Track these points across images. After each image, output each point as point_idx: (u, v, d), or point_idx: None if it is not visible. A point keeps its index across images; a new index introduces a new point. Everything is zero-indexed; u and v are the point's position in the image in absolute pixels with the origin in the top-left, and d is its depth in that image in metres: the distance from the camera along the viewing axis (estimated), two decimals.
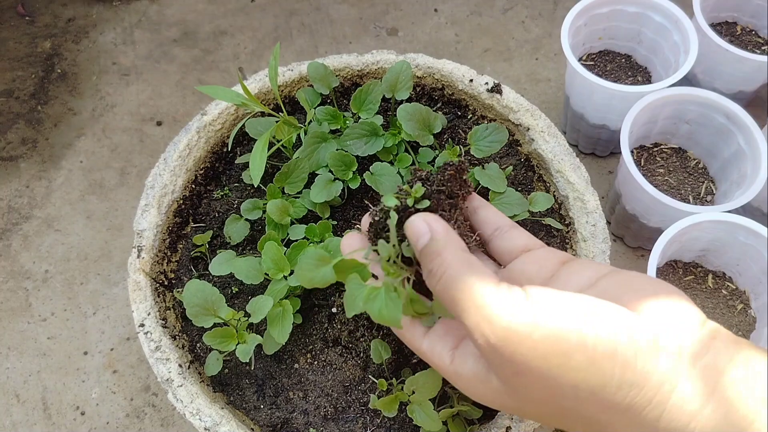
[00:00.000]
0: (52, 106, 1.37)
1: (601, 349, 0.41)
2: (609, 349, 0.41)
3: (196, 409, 0.69)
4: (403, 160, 0.81)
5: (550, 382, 0.43)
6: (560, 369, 0.42)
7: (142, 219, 0.81)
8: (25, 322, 1.13)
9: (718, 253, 0.99)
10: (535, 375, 0.43)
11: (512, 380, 0.45)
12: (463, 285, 0.45)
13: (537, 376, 0.43)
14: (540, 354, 0.42)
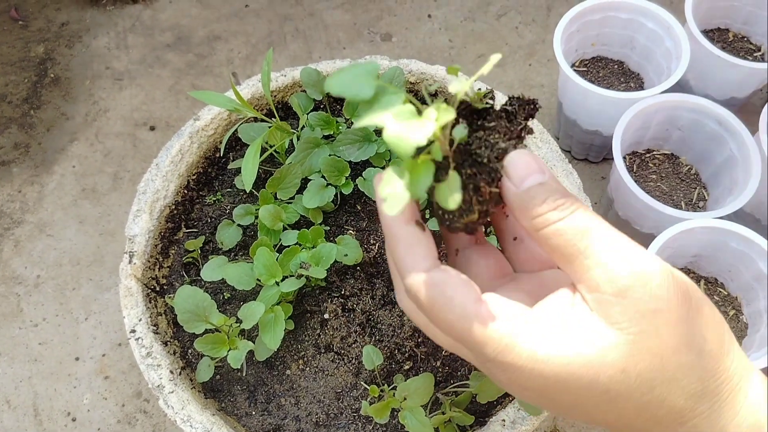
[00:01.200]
0: (45, 110, 1.37)
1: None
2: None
3: (187, 416, 0.69)
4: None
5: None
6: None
7: (133, 224, 0.81)
8: (17, 328, 1.13)
9: (711, 259, 0.99)
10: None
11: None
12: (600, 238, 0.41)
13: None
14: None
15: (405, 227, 0.45)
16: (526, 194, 0.42)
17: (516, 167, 0.43)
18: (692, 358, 0.40)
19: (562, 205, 0.42)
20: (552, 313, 0.42)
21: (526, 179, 0.43)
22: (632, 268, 0.40)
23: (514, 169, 0.43)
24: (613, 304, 0.40)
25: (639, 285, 0.40)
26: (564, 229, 0.41)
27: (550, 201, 0.42)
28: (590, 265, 0.41)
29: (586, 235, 0.41)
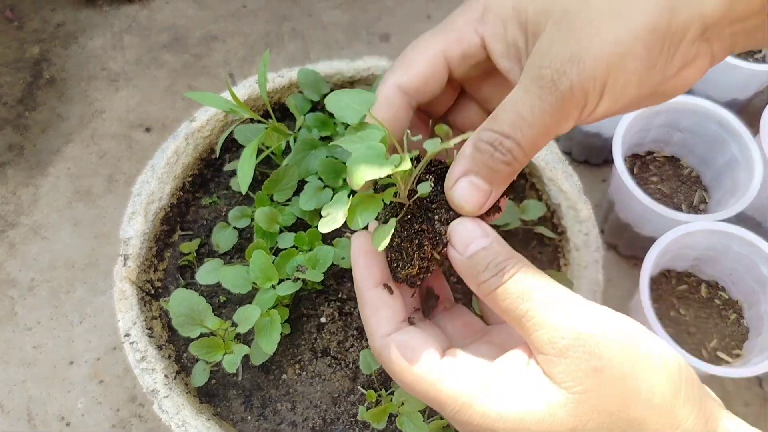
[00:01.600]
0: (40, 111, 1.36)
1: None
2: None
3: (182, 421, 0.68)
4: None
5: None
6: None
7: (128, 227, 0.80)
8: (11, 331, 1.12)
9: (712, 263, 0.98)
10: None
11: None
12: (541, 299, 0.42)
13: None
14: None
15: (371, 290, 0.49)
16: (470, 261, 0.45)
17: (459, 235, 0.46)
18: (641, 413, 0.40)
19: (503, 269, 0.44)
20: (507, 372, 0.44)
21: (469, 246, 0.45)
22: (571, 327, 0.41)
23: (458, 237, 0.46)
24: (556, 363, 0.41)
25: (578, 345, 0.41)
26: (506, 294, 0.43)
27: (491, 267, 0.44)
28: (532, 327, 0.42)
29: (526, 297, 0.42)
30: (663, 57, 0.42)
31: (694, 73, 0.44)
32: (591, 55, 0.41)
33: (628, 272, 1.14)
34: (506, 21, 0.47)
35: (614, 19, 0.41)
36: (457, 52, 0.49)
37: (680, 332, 0.95)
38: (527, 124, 0.43)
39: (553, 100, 0.42)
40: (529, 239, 0.83)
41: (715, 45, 0.43)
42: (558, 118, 0.43)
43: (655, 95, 0.45)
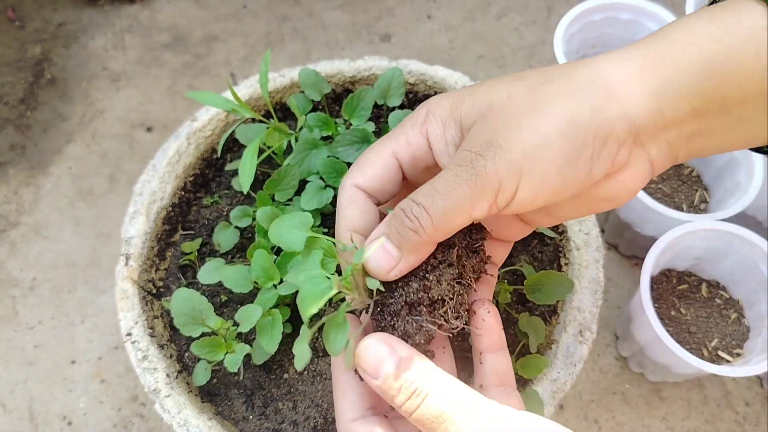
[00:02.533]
0: (42, 111, 1.36)
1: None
2: None
3: (184, 420, 0.68)
4: None
5: None
6: None
7: (130, 226, 0.80)
8: (12, 330, 1.12)
9: (713, 262, 0.98)
10: None
11: None
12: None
13: None
14: None
15: (343, 374, 0.50)
16: (383, 386, 0.45)
17: (367, 358, 0.46)
18: None
19: (415, 391, 0.44)
20: None
21: (379, 369, 0.45)
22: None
23: (366, 361, 0.46)
24: None
25: None
26: (422, 417, 0.44)
27: (404, 390, 0.44)
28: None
29: (441, 420, 0.43)
30: (586, 152, 0.43)
31: (634, 179, 0.46)
32: (507, 142, 0.43)
33: (629, 272, 1.14)
34: (445, 121, 0.49)
35: (533, 112, 0.44)
36: (407, 154, 0.51)
37: (681, 331, 0.95)
38: (439, 196, 0.45)
39: (467, 176, 0.44)
40: (530, 238, 0.83)
41: (653, 151, 0.45)
42: (471, 195, 0.44)
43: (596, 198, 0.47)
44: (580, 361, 0.72)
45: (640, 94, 0.43)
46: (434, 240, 0.47)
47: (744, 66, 0.41)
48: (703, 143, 0.45)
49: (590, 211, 0.49)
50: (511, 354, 0.74)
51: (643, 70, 0.43)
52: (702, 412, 1.02)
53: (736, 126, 0.44)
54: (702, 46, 0.42)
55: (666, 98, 0.43)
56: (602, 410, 1.02)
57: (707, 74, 0.42)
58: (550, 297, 0.72)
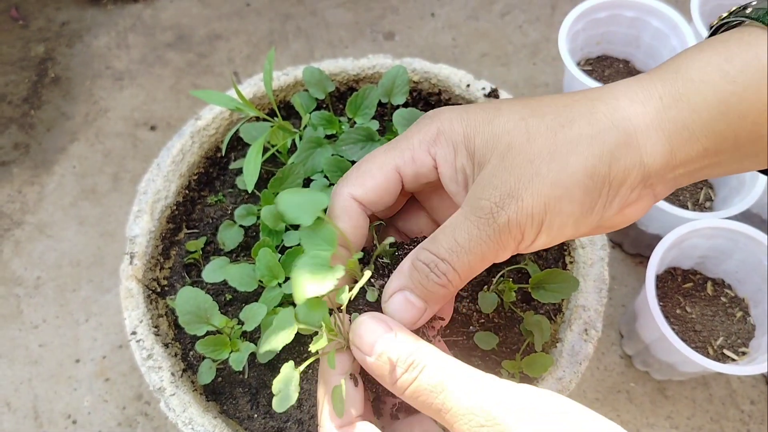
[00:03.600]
0: (45, 110, 1.36)
1: None
2: None
3: (189, 419, 0.68)
4: None
5: None
6: None
7: (134, 225, 0.80)
8: (17, 329, 1.12)
9: (718, 260, 0.98)
10: None
11: None
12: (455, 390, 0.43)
13: None
14: None
15: (333, 377, 0.49)
16: (379, 361, 0.45)
17: (362, 335, 0.46)
18: None
19: (413, 363, 0.44)
20: None
21: (375, 345, 0.45)
22: (487, 412, 0.41)
23: (361, 338, 0.46)
24: None
25: (497, 429, 0.41)
26: (420, 389, 0.43)
27: (401, 363, 0.44)
28: (451, 418, 0.42)
29: (440, 389, 0.43)
30: (601, 201, 0.44)
31: (636, 212, 0.47)
32: (529, 194, 0.43)
33: (634, 270, 1.14)
34: (456, 147, 0.49)
35: (554, 161, 0.43)
36: (410, 170, 0.51)
37: (686, 330, 0.95)
38: (464, 251, 0.45)
39: (491, 231, 0.44)
40: None
41: (658, 188, 0.46)
42: (494, 248, 0.45)
43: (596, 229, 0.47)
44: (585, 359, 0.71)
45: (657, 143, 0.43)
46: (456, 289, 0.47)
47: (758, 106, 0.41)
48: (708, 173, 0.46)
49: (591, 233, 0.49)
50: (516, 352, 0.74)
51: (660, 114, 0.43)
52: (707, 410, 1.02)
53: (744, 159, 0.44)
54: (717, 87, 0.42)
55: (680, 141, 0.43)
56: (607, 408, 1.02)
57: (722, 116, 0.42)
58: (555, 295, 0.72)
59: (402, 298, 0.48)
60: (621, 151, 0.43)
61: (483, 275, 0.78)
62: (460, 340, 0.75)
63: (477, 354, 0.74)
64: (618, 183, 0.44)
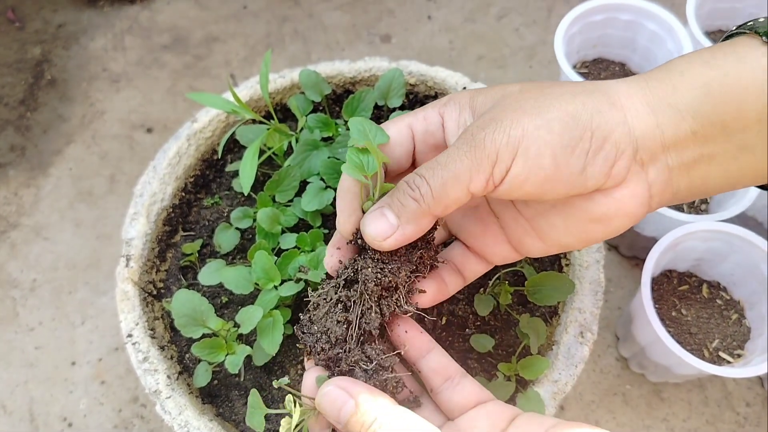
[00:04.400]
0: (42, 112, 1.36)
1: None
2: None
3: (185, 422, 0.68)
4: None
5: None
6: None
7: (130, 227, 0.80)
8: (13, 332, 1.12)
9: (713, 263, 0.98)
10: None
11: None
12: None
13: None
14: None
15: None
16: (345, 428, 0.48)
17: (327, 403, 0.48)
18: None
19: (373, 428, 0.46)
20: None
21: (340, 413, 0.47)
22: None
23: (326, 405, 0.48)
24: None
25: None
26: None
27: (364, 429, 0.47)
28: None
29: None
30: (583, 144, 0.45)
31: (630, 200, 0.47)
32: (510, 119, 0.45)
33: (630, 272, 1.14)
34: (462, 106, 0.52)
35: (539, 104, 0.46)
36: (421, 126, 0.54)
37: (682, 332, 0.95)
38: (440, 166, 0.47)
39: (467, 148, 0.46)
40: None
41: (651, 172, 0.46)
42: (469, 166, 0.45)
43: (590, 216, 0.48)
44: (581, 361, 0.72)
45: (641, 109, 0.45)
46: (432, 212, 0.48)
47: (742, 88, 0.42)
48: (706, 172, 0.46)
49: (583, 235, 0.50)
50: (512, 355, 0.74)
51: (645, 91, 0.45)
52: (703, 413, 1.02)
53: (739, 154, 0.45)
54: (700, 72, 0.44)
55: (665, 117, 0.45)
56: (603, 411, 1.02)
57: (705, 97, 0.43)
58: (550, 298, 0.72)
59: (378, 212, 0.49)
60: (604, 107, 0.45)
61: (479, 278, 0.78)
62: (456, 342, 0.75)
63: (473, 356, 0.74)
64: (601, 135, 0.45)
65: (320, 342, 0.53)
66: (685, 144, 0.45)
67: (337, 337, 0.52)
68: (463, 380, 0.54)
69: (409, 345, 0.55)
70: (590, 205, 0.47)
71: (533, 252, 0.54)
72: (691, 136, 0.44)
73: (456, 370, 0.55)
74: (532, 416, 0.50)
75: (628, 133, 0.45)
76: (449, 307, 0.76)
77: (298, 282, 0.71)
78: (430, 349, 0.55)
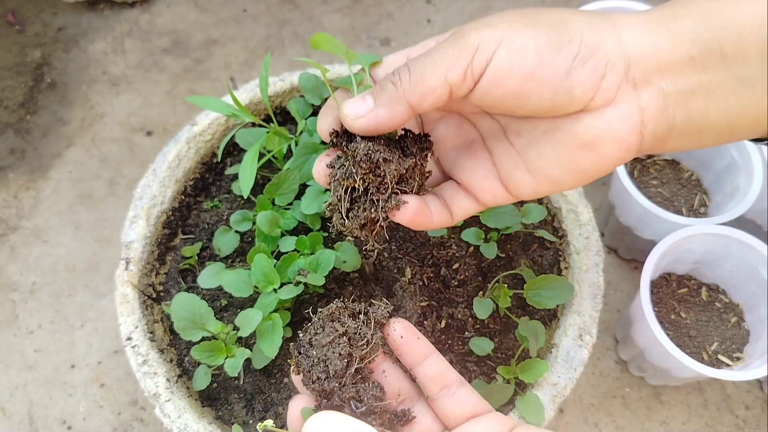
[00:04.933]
0: (41, 115, 1.36)
1: None
2: None
3: (184, 425, 0.68)
4: None
5: None
6: None
7: (130, 230, 0.80)
8: (12, 335, 1.12)
9: (712, 266, 0.98)
10: None
11: None
12: None
13: None
14: None
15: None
16: None
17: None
18: None
19: None
20: None
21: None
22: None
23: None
24: None
25: None
26: None
27: None
28: None
29: None
30: (571, 48, 0.43)
31: (620, 122, 0.44)
32: (498, 16, 0.45)
33: (629, 275, 1.15)
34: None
35: (529, 12, 0.46)
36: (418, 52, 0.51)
37: (681, 335, 0.95)
38: (424, 56, 0.46)
39: (452, 38, 0.45)
40: (530, 242, 0.83)
41: (644, 95, 0.44)
42: (450, 55, 0.44)
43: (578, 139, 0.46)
44: (580, 364, 0.72)
45: (637, 32, 0.44)
46: (408, 98, 0.46)
47: (743, 17, 0.41)
48: (705, 106, 0.44)
49: (572, 165, 0.47)
50: (511, 358, 0.74)
51: (643, 16, 0.44)
52: (702, 415, 1.02)
53: (739, 88, 0.42)
54: (700, 2, 0.42)
55: (662, 39, 0.43)
56: (602, 414, 1.02)
57: (705, 24, 0.42)
58: (550, 301, 0.72)
59: (359, 96, 0.49)
60: (598, 20, 0.44)
61: (478, 281, 0.78)
62: (456, 345, 0.75)
63: (472, 360, 0.75)
64: (592, 43, 0.43)
65: (316, 370, 0.52)
66: (681, 69, 0.43)
67: (336, 371, 0.51)
68: (461, 389, 0.53)
69: (405, 351, 0.54)
70: (578, 127, 0.45)
71: (522, 190, 0.51)
72: (688, 60, 0.43)
73: (454, 378, 0.54)
74: (528, 429, 0.50)
75: (620, 48, 0.43)
76: (448, 310, 0.76)
77: (297, 285, 0.71)
78: (427, 354, 0.54)
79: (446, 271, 0.78)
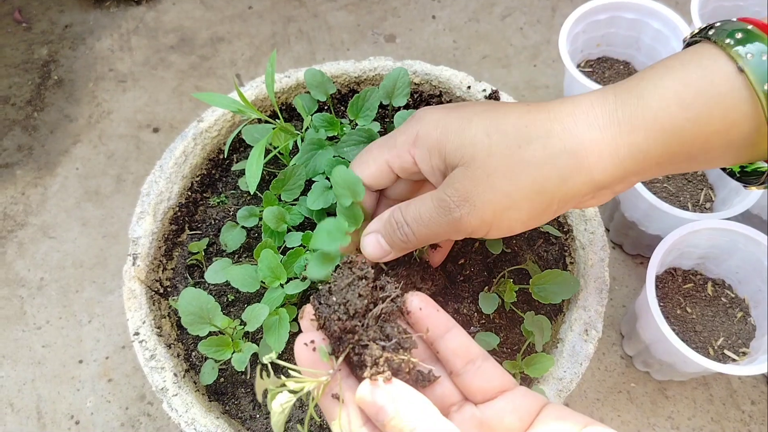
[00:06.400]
0: (49, 112, 1.37)
1: None
2: None
3: (191, 419, 0.68)
4: None
5: None
6: None
7: (137, 226, 0.81)
8: (20, 330, 1.13)
9: (718, 261, 0.98)
10: None
11: None
12: None
13: None
14: None
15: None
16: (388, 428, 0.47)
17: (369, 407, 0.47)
18: None
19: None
20: None
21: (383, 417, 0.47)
22: None
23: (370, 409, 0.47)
24: None
25: None
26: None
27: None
28: None
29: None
30: (550, 209, 0.53)
31: (596, 204, 0.57)
32: (482, 201, 0.53)
33: (634, 270, 1.15)
34: (431, 150, 0.57)
35: (506, 178, 0.52)
36: (397, 164, 0.61)
37: (687, 330, 0.95)
38: (423, 224, 0.57)
39: (446, 220, 0.55)
40: (535, 238, 0.83)
41: (618, 188, 0.54)
42: (447, 231, 0.56)
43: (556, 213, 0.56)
44: (585, 359, 0.72)
45: (609, 166, 0.50)
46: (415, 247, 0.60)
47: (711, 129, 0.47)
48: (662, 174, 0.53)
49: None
50: (517, 353, 0.74)
51: (617, 139, 0.49)
52: (708, 410, 1.02)
53: (699, 166, 0.51)
54: (673, 115, 0.47)
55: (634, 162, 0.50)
56: (608, 409, 1.02)
57: (676, 138, 0.48)
58: (555, 296, 0.72)
59: (374, 239, 0.61)
60: (572, 173, 0.50)
61: (484, 276, 0.78)
62: None
63: None
64: (568, 198, 0.52)
65: (337, 313, 0.50)
66: (649, 171, 0.51)
67: (356, 310, 0.50)
68: (486, 363, 0.53)
69: (425, 324, 0.53)
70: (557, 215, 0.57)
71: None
72: (655, 165, 0.50)
73: (478, 352, 0.53)
74: (562, 410, 0.51)
75: (593, 186, 0.51)
76: (454, 305, 0.76)
77: (303, 280, 0.72)
78: (448, 328, 0.54)
79: (452, 266, 0.79)
